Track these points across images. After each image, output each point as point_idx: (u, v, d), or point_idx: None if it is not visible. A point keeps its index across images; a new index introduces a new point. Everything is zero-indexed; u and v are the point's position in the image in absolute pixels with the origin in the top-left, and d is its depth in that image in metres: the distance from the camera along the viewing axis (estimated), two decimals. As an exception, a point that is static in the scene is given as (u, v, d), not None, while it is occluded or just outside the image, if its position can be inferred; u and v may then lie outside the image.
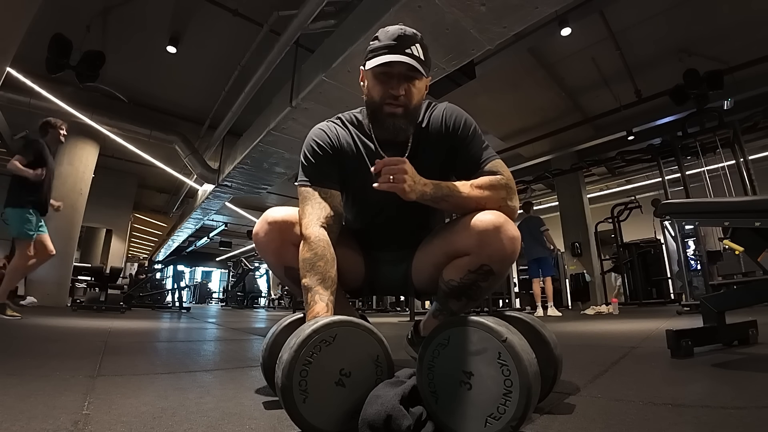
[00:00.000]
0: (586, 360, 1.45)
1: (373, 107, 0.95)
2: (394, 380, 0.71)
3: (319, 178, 0.97)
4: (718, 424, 0.67)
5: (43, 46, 4.37)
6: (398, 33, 0.90)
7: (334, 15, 4.00)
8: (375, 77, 0.92)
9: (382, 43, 0.91)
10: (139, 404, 0.83)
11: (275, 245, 0.97)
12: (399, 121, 0.92)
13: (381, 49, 0.90)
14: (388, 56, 0.88)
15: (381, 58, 0.88)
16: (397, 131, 0.94)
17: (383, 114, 0.93)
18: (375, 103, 0.94)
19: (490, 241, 0.83)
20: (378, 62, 0.88)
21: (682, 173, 4.83)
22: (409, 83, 0.91)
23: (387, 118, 0.92)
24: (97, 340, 2.03)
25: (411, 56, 0.88)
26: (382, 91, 0.92)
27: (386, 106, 0.92)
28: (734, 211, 1.28)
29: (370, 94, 0.95)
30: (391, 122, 0.93)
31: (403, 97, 0.90)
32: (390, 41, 0.90)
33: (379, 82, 0.92)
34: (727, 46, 5.28)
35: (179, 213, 11.68)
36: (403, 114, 0.92)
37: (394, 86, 0.90)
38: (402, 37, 0.90)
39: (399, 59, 0.87)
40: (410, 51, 0.89)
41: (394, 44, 0.89)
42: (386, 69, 0.89)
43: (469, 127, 0.98)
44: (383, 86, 0.91)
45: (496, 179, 0.91)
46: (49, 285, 6.22)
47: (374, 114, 0.96)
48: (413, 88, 0.92)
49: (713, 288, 3.90)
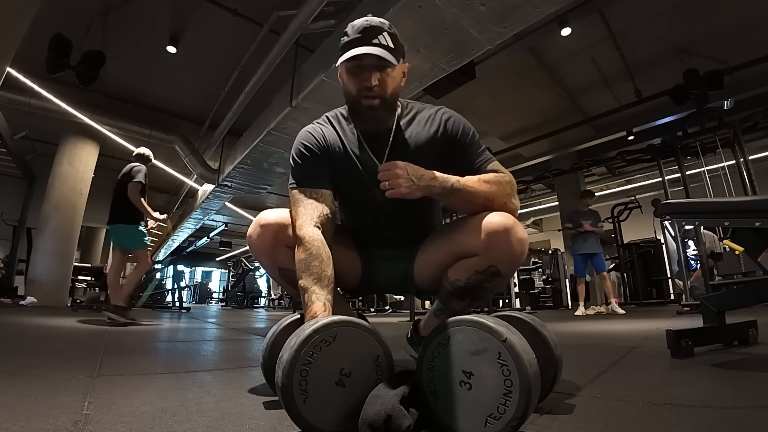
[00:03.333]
0: (586, 360, 1.45)
1: (352, 101, 0.97)
2: (394, 380, 0.71)
3: (309, 179, 0.97)
4: (718, 424, 0.67)
5: (43, 46, 4.37)
6: (364, 25, 0.91)
7: (334, 15, 4.00)
8: (348, 72, 0.94)
9: (350, 37, 0.92)
10: (139, 404, 0.83)
11: (268, 247, 0.98)
12: (378, 112, 0.94)
13: (349, 44, 0.91)
14: (356, 49, 0.88)
15: (349, 52, 0.89)
16: (377, 122, 0.97)
17: (362, 107, 0.94)
18: (353, 97, 0.95)
19: (500, 242, 0.83)
20: (346, 57, 0.89)
21: (682, 173, 4.83)
22: (382, 72, 0.91)
23: (366, 111, 0.94)
24: (97, 340, 2.03)
25: (379, 46, 0.89)
26: (356, 84, 0.93)
27: (363, 99, 0.93)
28: (734, 211, 1.28)
29: (347, 89, 0.96)
30: (370, 114, 0.94)
31: (378, 88, 0.91)
32: (356, 34, 0.91)
33: (353, 76, 0.93)
34: (727, 46, 5.28)
35: (179, 213, 11.68)
36: (380, 105, 0.93)
37: (366, 78, 0.91)
38: (368, 29, 0.91)
39: (366, 51, 0.88)
40: (377, 41, 0.90)
41: (360, 36, 0.90)
42: (356, 62, 0.90)
43: (468, 132, 0.99)
44: (357, 79, 0.92)
45: (501, 176, 0.93)
46: (49, 285, 6.23)
47: (354, 108, 0.98)
48: (387, 78, 0.92)
49: (712, 288, 3.89)
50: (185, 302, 8.16)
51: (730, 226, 1.33)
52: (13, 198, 7.77)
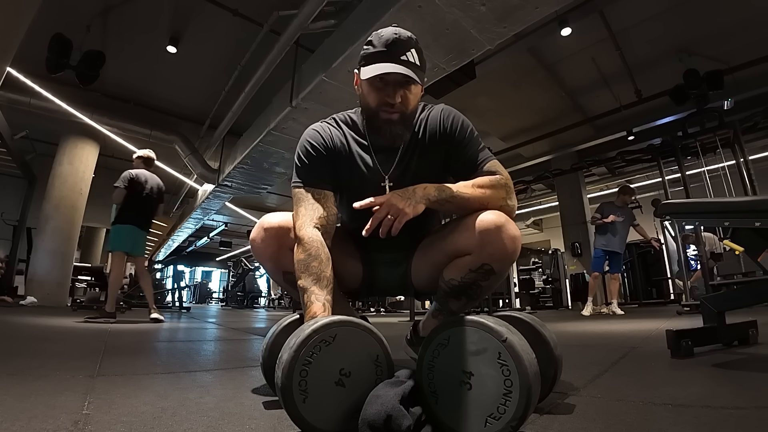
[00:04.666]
0: (586, 360, 1.45)
1: (369, 114, 0.95)
2: (394, 380, 0.70)
3: (313, 179, 0.97)
4: (718, 424, 0.67)
5: (43, 46, 4.37)
6: (392, 38, 0.88)
7: (334, 15, 4.00)
8: (370, 84, 0.92)
9: (376, 49, 0.89)
10: (139, 404, 0.83)
11: (272, 251, 0.97)
12: (395, 127, 0.92)
13: (375, 56, 0.88)
14: (383, 66, 0.86)
15: (376, 67, 0.87)
16: (394, 137, 0.94)
17: (380, 120, 0.92)
18: (371, 109, 0.93)
19: (492, 240, 0.83)
20: (373, 73, 0.87)
21: (682, 173, 4.83)
22: (405, 89, 0.90)
23: (384, 125, 0.92)
24: (97, 340, 2.03)
25: (406, 63, 0.87)
26: (377, 98, 0.91)
27: (382, 113, 0.91)
28: (734, 211, 1.28)
29: (366, 101, 0.94)
30: (387, 128, 0.92)
31: (400, 104, 0.90)
32: (383, 47, 0.88)
33: (375, 89, 0.91)
34: (727, 46, 5.28)
35: (179, 213, 11.68)
36: (399, 120, 0.92)
37: (390, 94, 0.89)
38: (396, 42, 0.88)
39: (394, 69, 0.86)
40: (405, 58, 0.87)
41: (387, 51, 0.88)
42: (381, 76, 0.88)
43: (466, 129, 0.98)
44: (379, 93, 0.90)
45: (496, 179, 0.92)
46: (49, 285, 6.23)
47: (370, 120, 0.96)
48: (409, 95, 0.91)
49: (712, 288, 3.89)
50: (185, 302, 8.16)
51: (730, 227, 1.33)
52: (13, 198, 7.78)
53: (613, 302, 4.87)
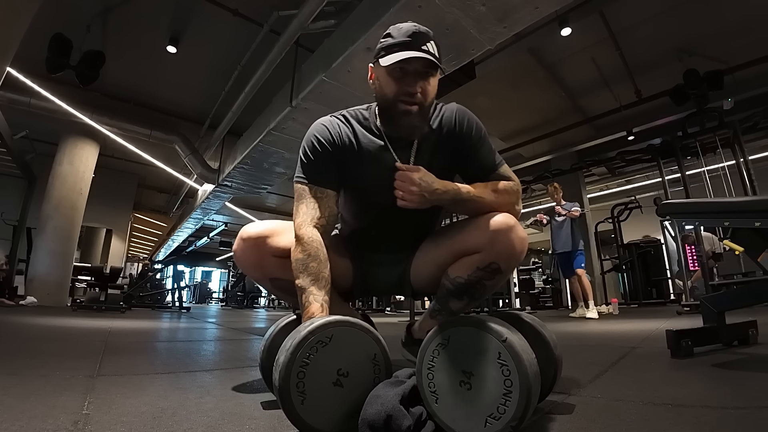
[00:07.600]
0: (586, 360, 1.45)
1: (386, 105, 0.92)
2: (393, 380, 0.70)
3: (316, 176, 0.95)
4: (718, 424, 0.67)
5: (43, 46, 4.37)
6: (413, 30, 0.88)
7: (334, 15, 4.00)
8: (389, 74, 0.89)
9: (396, 39, 0.88)
10: (139, 404, 0.83)
11: (254, 259, 0.98)
12: (414, 119, 0.90)
13: (396, 46, 0.87)
14: (406, 52, 0.85)
15: (398, 54, 0.85)
16: (412, 129, 0.92)
17: (397, 112, 0.90)
18: (389, 100, 0.90)
19: (502, 239, 0.85)
20: (396, 59, 0.84)
21: (682, 173, 4.83)
22: (425, 81, 0.89)
23: (402, 116, 0.90)
24: (97, 340, 2.03)
25: (428, 53, 0.86)
26: (396, 88, 0.89)
27: (400, 104, 0.89)
28: (734, 211, 1.28)
29: (383, 91, 0.92)
30: (406, 120, 0.90)
31: (419, 95, 0.88)
32: (405, 38, 0.87)
33: (394, 79, 0.89)
34: (727, 46, 5.28)
35: (179, 213, 11.68)
36: (418, 112, 0.90)
37: (410, 83, 0.88)
38: (417, 34, 0.88)
39: (418, 55, 0.85)
40: (426, 48, 0.87)
41: (410, 41, 0.87)
42: (402, 65, 0.86)
43: (480, 132, 0.98)
44: (398, 83, 0.89)
45: (510, 185, 0.94)
46: (49, 285, 6.23)
47: (387, 112, 0.93)
48: (428, 86, 0.90)
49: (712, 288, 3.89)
50: (185, 302, 8.15)
51: (730, 227, 1.33)
52: (13, 198, 7.77)
53: (580, 304, 4.46)
